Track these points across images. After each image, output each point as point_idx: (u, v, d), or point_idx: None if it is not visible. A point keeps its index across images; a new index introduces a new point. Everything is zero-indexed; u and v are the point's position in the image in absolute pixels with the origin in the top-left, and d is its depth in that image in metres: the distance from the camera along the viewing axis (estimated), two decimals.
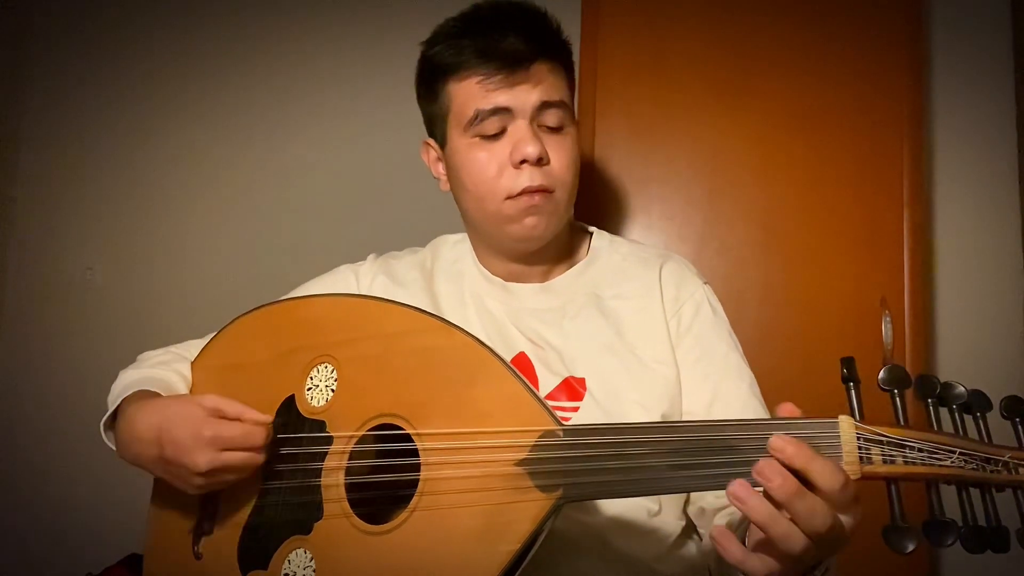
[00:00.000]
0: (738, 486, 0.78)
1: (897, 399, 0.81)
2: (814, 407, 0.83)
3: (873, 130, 1.88)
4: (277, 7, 2.48)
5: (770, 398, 1.25)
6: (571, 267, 1.32)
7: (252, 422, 1.03)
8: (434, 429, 0.97)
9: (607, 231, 1.40)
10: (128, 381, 1.18)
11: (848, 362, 0.84)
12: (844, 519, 0.80)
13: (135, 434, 1.07)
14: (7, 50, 2.52)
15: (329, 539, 1.01)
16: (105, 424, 1.15)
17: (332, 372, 1.08)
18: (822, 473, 0.77)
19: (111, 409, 1.15)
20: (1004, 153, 2.13)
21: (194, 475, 1.02)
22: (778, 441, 0.78)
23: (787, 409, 0.84)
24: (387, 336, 1.06)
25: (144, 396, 1.13)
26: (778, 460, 0.78)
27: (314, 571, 1.01)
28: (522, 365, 1.22)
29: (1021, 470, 0.77)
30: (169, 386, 1.18)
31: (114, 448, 1.14)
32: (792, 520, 0.77)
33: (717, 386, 1.21)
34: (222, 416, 1.04)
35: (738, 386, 1.22)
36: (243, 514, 1.08)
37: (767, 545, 0.79)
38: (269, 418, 1.04)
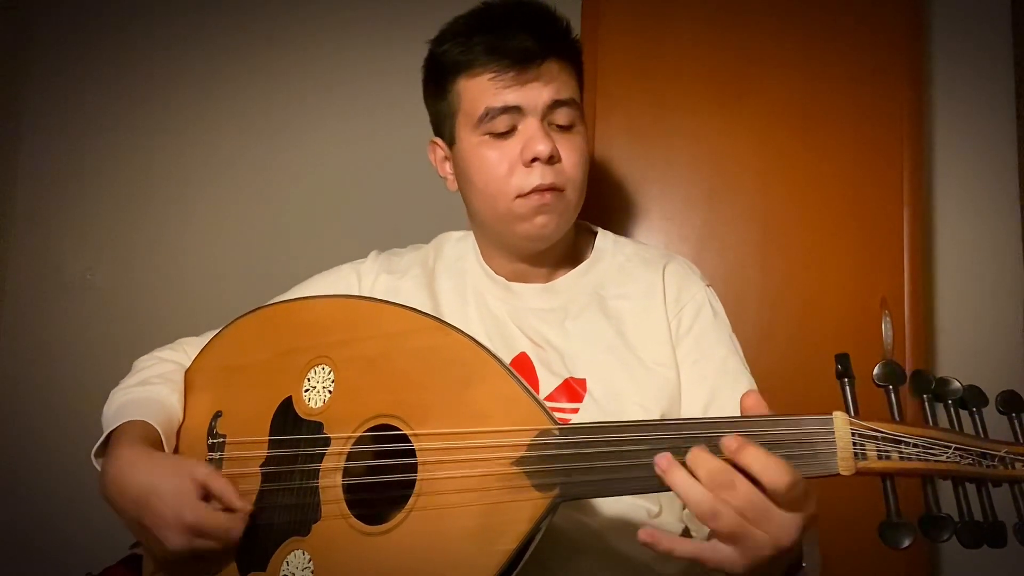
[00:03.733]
0: (661, 457, 0.81)
1: (892, 395, 0.81)
2: (814, 407, 0.83)
3: (873, 130, 1.88)
4: (279, 6, 2.48)
5: (770, 398, 1.24)
6: (575, 267, 1.33)
7: (231, 507, 1.03)
8: (431, 429, 0.97)
9: (608, 231, 1.40)
10: (119, 403, 1.17)
11: (843, 358, 0.84)
12: (789, 516, 0.80)
13: (122, 489, 1.05)
14: (7, 50, 2.51)
15: (327, 540, 1.01)
16: (96, 451, 1.14)
17: (329, 373, 1.08)
18: (765, 471, 0.78)
19: (103, 436, 1.14)
20: (1004, 153, 2.13)
21: (164, 549, 1.02)
22: (732, 443, 0.80)
23: (752, 399, 0.86)
24: (384, 337, 1.06)
25: (136, 434, 1.11)
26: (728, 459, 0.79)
27: (312, 572, 1.01)
28: (523, 365, 1.22)
29: (1018, 465, 0.78)
30: (161, 406, 1.17)
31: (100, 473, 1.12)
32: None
33: (714, 389, 1.21)
34: (207, 492, 1.03)
35: (735, 389, 1.21)
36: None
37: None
38: (248, 506, 1.04)
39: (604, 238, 1.37)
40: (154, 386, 1.20)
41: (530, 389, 0.94)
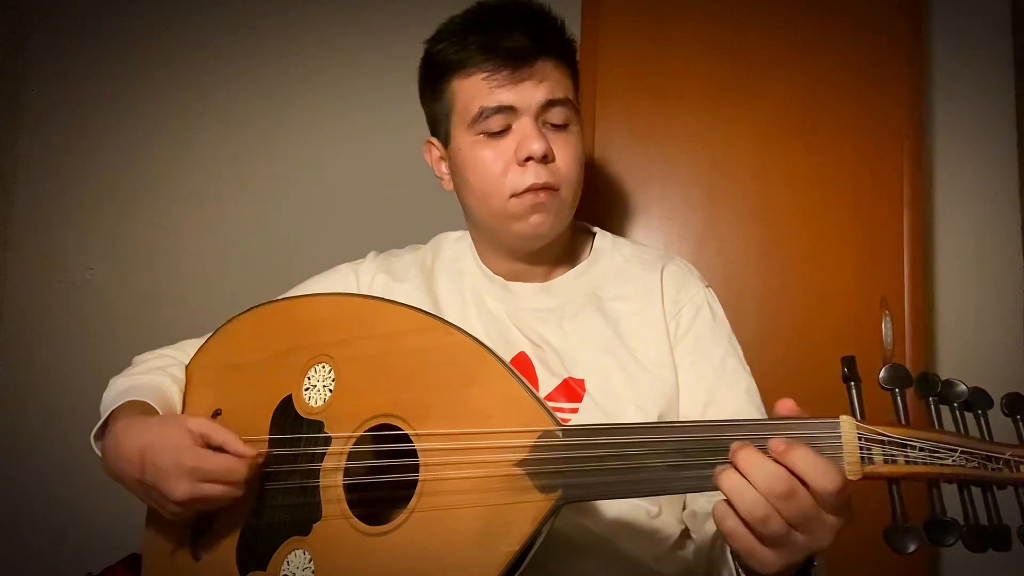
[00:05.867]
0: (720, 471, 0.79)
1: (898, 398, 0.81)
2: (814, 407, 0.83)
3: (873, 130, 1.88)
4: (278, 7, 2.48)
5: (770, 398, 1.24)
6: (573, 267, 1.33)
7: (236, 453, 1.03)
8: (432, 429, 0.97)
9: (607, 231, 1.40)
10: (119, 389, 1.18)
11: (849, 361, 0.83)
12: (832, 519, 0.79)
13: (120, 452, 1.05)
14: (7, 50, 2.52)
15: (328, 540, 1.01)
16: (95, 434, 1.14)
17: (330, 372, 1.08)
18: (815, 473, 0.77)
19: (102, 419, 1.14)
20: (1004, 153, 2.13)
21: (170, 502, 1.02)
22: (779, 445, 0.78)
23: (786, 405, 0.85)
24: (385, 336, 1.06)
25: (134, 410, 1.12)
26: (778, 462, 0.78)
27: (313, 572, 1.00)
28: (522, 365, 1.22)
29: (1022, 468, 0.77)
30: (161, 392, 1.17)
31: (100, 456, 1.12)
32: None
33: (712, 390, 1.21)
34: (208, 442, 1.03)
35: (733, 391, 1.22)
36: (242, 515, 1.07)
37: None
38: (252, 451, 1.04)
39: (603, 238, 1.37)
40: (154, 375, 1.20)
41: (532, 389, 0.93)
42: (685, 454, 0.83)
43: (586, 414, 1.17)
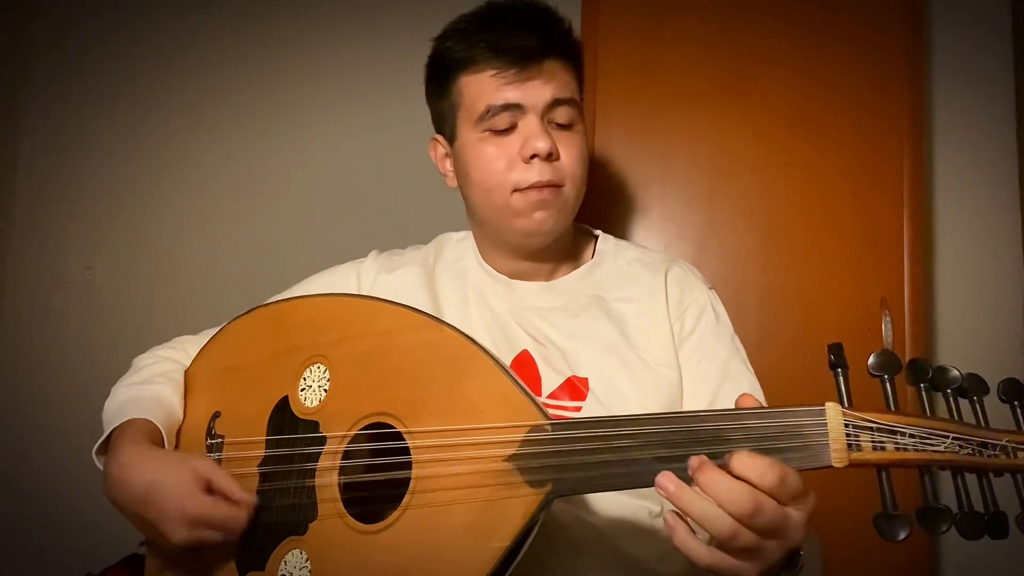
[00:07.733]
0: (665, 478, 0.79)
1: (887, 385, 0.81)
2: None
3: (873, 130, 1.88)
4: (279, 5, 2.48)
5: (770, 398, 1.24)
6: (576, 268, 1.33)
7: (235, 500, 1.03)
8: (425, 427, 0.97)
9: (607, 231, 1.41)
10: (121, 400, 1.18)
11: (835, 348, 0.83)
12: (797, 515, 0.80)
13: (125, 485, 1.05)
14: (7, 50, 2.52)
15: (324, 539, 1.01)
16: (97, 449, 1.15)
17: (325, 372, 1.08)
18: (761, 475, 0.77)
19: (104, 435, 1.14)
20: (1004, 153, 2.13)
21: (167, 542, 1.03)
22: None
23: (746, 401, 0.85)
24: (378, 334, 1.06)
25: (140, 433, 1.11)
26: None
27: (309, 571, 1.01)
28: (525, 363, 1.23)
29: (1020, 454, 0.76)
30: (162, 404, 1.17)
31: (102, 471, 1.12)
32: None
33: (717, 390, 1.22)
34: (210, 486, 1.03)
35: (738, 391, 1.20)
36: None
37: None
38: (252, 499, 1.04)
39: (605, 241, 1.38)
40: (156, 385, 1.20)
41: (522, 384, 0.94)
42: (672, 445, 0.83)
43: (589, 412, 1.17)
